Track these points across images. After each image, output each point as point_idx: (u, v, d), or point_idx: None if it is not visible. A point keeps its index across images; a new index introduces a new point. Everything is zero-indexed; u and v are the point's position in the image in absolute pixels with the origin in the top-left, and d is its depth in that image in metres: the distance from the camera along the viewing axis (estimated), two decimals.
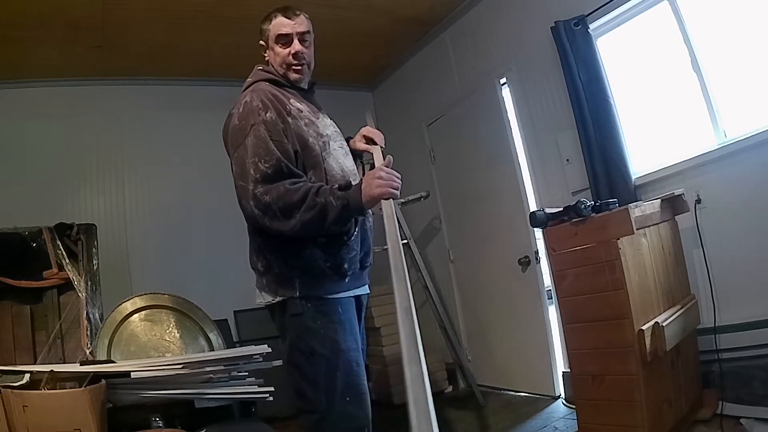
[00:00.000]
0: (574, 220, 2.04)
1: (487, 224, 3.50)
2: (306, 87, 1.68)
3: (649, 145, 2.67)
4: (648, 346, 1.81)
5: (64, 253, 2.80)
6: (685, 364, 2.14)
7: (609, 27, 2.76)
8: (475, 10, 3.47)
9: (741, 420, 2.08)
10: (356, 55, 4.02)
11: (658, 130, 2.65)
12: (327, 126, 1.63)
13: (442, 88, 3.84)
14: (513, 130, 3.28)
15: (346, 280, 1.50)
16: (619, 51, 2.76)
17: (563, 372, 3.01)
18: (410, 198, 3.60)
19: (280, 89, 1.57)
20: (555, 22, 2.76)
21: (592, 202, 2.02)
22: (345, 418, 1.40)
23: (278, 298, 1.46)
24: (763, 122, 2.17)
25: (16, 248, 2.77)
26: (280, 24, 1.60)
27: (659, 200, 2.16)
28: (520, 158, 3.24)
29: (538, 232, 2.69)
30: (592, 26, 2.71)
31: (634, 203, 2.02)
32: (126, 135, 3.72)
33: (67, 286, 2.81)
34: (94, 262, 2.87)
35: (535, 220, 2.14)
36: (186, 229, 3.76)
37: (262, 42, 1.66)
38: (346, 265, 1.49)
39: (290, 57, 1.60)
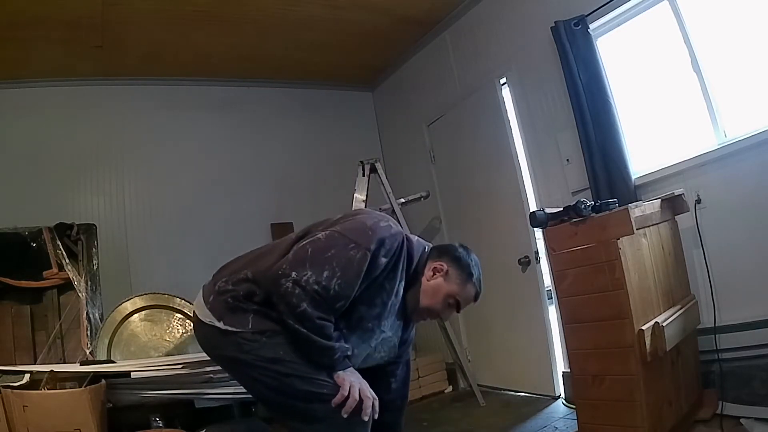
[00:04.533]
0: (574, 220, 2.04)
1: (487, 224, 3.50)
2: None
3: (649, 145, 2.67)
4: (648, 346, 1.81)
5: (64, 253, 2.81)
6: (685, 364, 2.14)
7: (609, 27, 2.76)
8: (475, 10, 3.46)
9: (741, 420, 2.08)
10: (356, 55, 4.02)
11: (658, 130, 2.65)
12: (386, 332, 1.51)
13: (442, 88, 3.84)
14: (513, 130, 3.28)
15: None
16: (619, 51, 2.76)
17: (563, 372, 3.01)
18: (410, 198, 3.59)
19: (406, 264, 1.48)
20: (555, 22, 2.76)
21: (592, 202, 2.02)
22: None
23: (222, 326, 1.39)
24: (763, 122, 2.17)
25: (16, 248, 2.77)
26: (467, 296, 1.55)
27: (659, 200, 2.16)
28: (520, 158, 3.24)
29: (538, 232, 2.69)
30: (592, 26, 2.71)
31: (634, 203, 2.02)
32: (126, 135, 3.72)
33: (67, 286, 2.81)
34: (94, 262, 2.88)
35: (535, 220, 2.14)
36: (186, 229, 3.76)
37: (443, 265, 1.52)
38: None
39: (438, 310, 1.54)
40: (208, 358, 1.56)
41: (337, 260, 1.33)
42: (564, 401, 2.94)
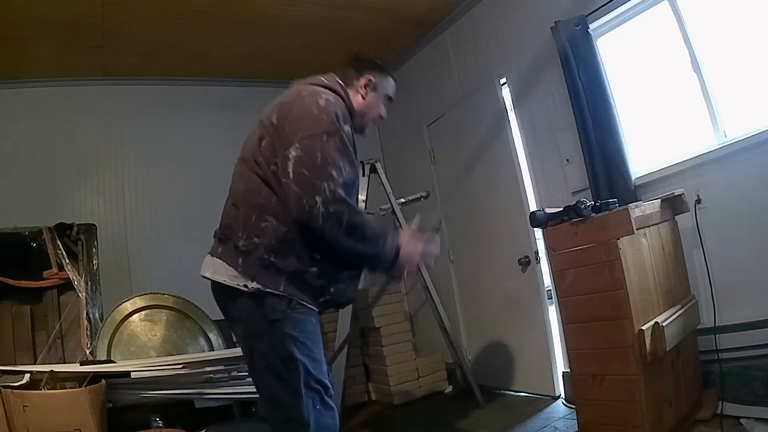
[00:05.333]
0: (574, 220, 2.04)
1: (487, 224, 3.50)
2: None
3: (649, 145, 2.67)
4: (648, 346, 1.81)
5: (64, 253, 2.81)
6: (685, 364, 2.14)
7: (609, 27, 2.76)
8: (475, 10, 3.46)
9: (741, 420, 2.08)
10: None
11: (658, 130, 2.65)
12: None
13: (442, 88, 3.84)
14: (513, 130, 3.28)
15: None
16: (619, 51, 2.76)
17: (563, 372, 3.01)
18: (410, 198, 3.59)
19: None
20: (555, 22, 2.76)
21: (592, 202, 2.02)
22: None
23: (255, 287, 1.38)
24: (763, 122, 2.17)
25: (16, 248, 2.77)
26: (394, 89, 1.74)
27: (659, 200, 2.16)
28: (520, 158, 3.24)
29: (538, 232, 2.69)
30: (592, 26, 2.71)
31: (634, 203, 2.02)
32: (126, 135, 3.72)
33: (67, 286, 2.81)
34: (94, 262, 2.88)
35: (535, 220, 2.14)
36: (186, 229, 3.75)
37: (370, 78, 1.66)
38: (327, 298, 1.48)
39: (380, 117, 1.72)
40: (209, 359, 1.56)
41: (330, 156, 1.36)
42: (564, 401, 2.94)
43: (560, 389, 3.03)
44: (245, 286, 1.38)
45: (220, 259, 1.46)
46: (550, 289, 2.96)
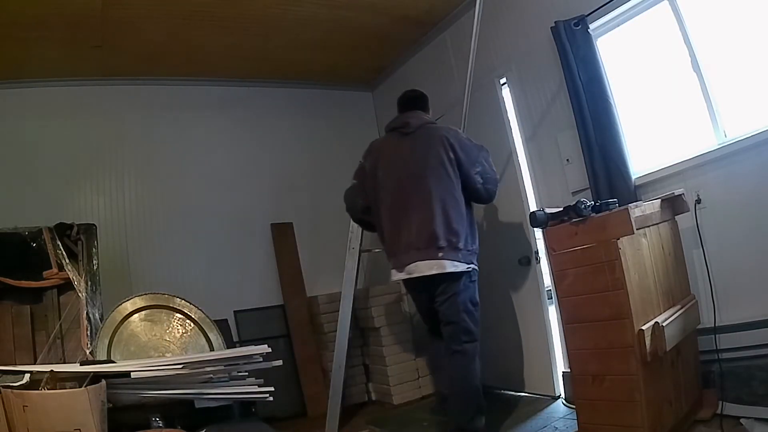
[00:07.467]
0: (574, 220, 2.04)
1: (487, 224, 3.50)
2: None
3: (649, 145, 2.67)
4: (648, 346, 1.81)
5: (64, 253, 2.80)
6: (685, 364, 2.15)
7: (609, 27, 2.76)
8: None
9: (741, 420, 2.08)
10: (356, 55, 4.02)
11: (658, 130, 2.65)
12: None
13: (442, 88, 3.84)
14: (513, 130, 3.28)
15: None
16: (619, 51, 2.76)
17: (563, 372, 3.01)
18: None
19: None
20: (555, 22, 2.76)
21: (592, 202, 2.02)
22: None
23: (469, 267, 2.44)
24: (763, 122, 2.17)
25: (16, 248, 2.76)
26: None
27: (659, 200, 2.16)
28: (520, 158, 3.24)
29: (538, 232, 2.69)
30: (592, 26, 2.71)
31: (634, 203, 2.02)
32: (126, 135, 3.72)
33: (67, 286, 2.80)
34: (94, 262, 2.87)
35: (535, 220, 2.14)
36: (186, 229, 3.76)
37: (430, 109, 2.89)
38: None
39: None
40: (209, 359, 1.56)
41: (490, 163, 2.63)
42: (564, 401, 2.94)
43: (560, 389, 3.03)
44: (466, 268, 2.42)
45: (443, 260, 2.38)
46: (550, 289, 2.96)
